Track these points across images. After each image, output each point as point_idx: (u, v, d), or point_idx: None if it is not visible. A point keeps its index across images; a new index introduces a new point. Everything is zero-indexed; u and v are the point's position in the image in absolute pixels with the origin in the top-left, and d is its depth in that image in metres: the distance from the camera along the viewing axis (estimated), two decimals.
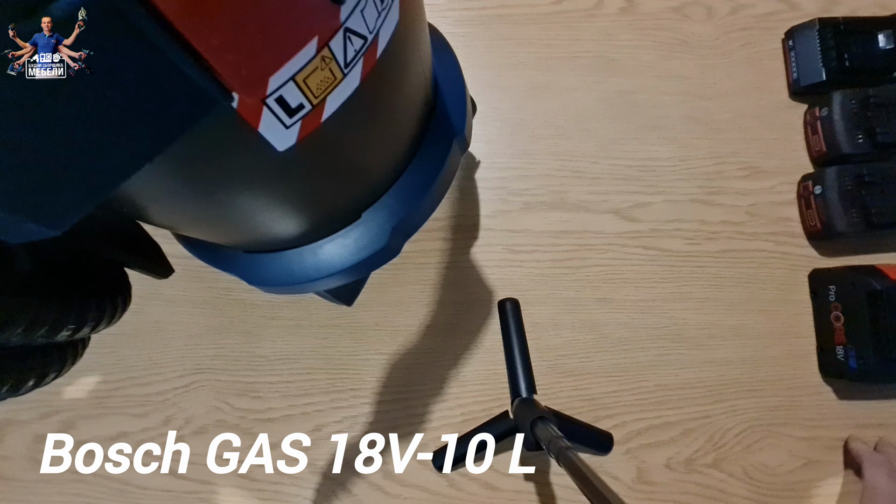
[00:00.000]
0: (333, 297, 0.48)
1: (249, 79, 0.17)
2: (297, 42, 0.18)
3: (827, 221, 0.51)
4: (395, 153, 0.32)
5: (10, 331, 0.24)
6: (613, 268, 0.53)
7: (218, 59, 0.15)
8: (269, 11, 0.16)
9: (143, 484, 0.48)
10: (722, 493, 0.50)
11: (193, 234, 0.33)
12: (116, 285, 0.35)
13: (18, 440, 0.48)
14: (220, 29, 0.15)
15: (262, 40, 0.17)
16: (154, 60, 0.14)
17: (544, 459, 0.50)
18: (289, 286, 0.34)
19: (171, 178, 0.21)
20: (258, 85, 0.18)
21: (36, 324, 0.25)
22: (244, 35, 0.16)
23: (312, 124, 0.21)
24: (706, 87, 0.57)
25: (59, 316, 0.27)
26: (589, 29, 0.57)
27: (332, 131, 0.22)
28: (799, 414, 0.51)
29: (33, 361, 0.29)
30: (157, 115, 0.16)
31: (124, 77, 0.14)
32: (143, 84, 0.15)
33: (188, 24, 0.14)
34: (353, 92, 0.21)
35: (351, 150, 0.26)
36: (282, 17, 0.17)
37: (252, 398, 0.50)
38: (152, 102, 0.15)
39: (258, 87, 0.18)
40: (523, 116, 0.55)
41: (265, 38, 0.17)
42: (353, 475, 0.49)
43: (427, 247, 0.53)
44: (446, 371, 0.51)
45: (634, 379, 0.52)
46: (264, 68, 0.17)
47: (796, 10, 0.58)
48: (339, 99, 0.21)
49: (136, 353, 0.50)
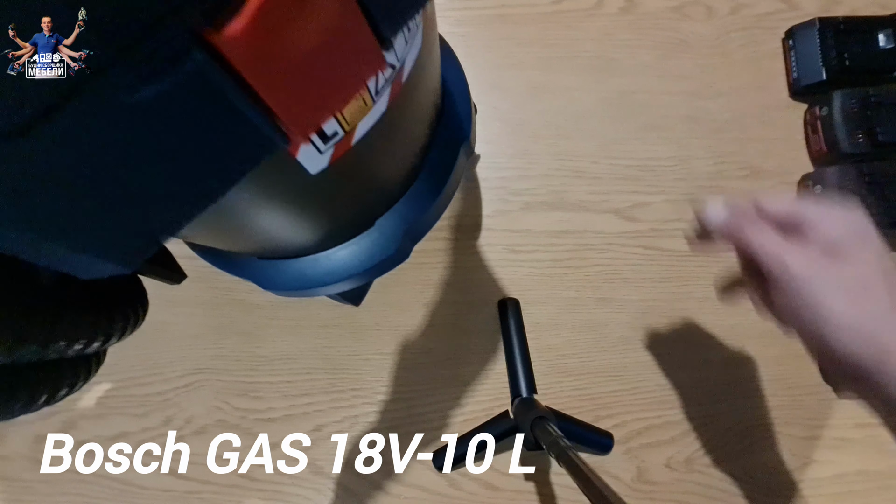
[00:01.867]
0: (342, 297, 0.48)
1: (310, 125, 0.19)
2: (354, 90, 0.19)
3: None
4: (410, 163, 0.33)
5: (33, 344, 0.24)
6: (613, 267, 0.53)
7: (287, 114, 0.17)
8: (335, 72, 0.18)
9: (143, 484, 0.48)
10: (722, 492, 0.50)
11: (211, 245, 0.33)
12: (133, 295, 0.34)
13: (19, 440, 0.48)
14: (293, 89, 0.17)
15: (326, 94, 0.18)
16: (230, 117, 0.15)
17: (544, 459, 0.50)
18: (302, 290, 0.35)
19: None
20: (315, 128, 0.19)
21: (55, 337, 0.25)
22: (312, 92, 0.17)
23: (343, 148, 0.22)
24: (706, 87, 0.57)
25: (78, 328, 0.27)
26: (589, 29, 0.57)
27: (360, 151, 0.23)
28: (799, 413, 0.51)
29: (46, 376, 0.29)
30: (228, 163, 0.17)
31: (203, 133, 0.16)
32: (220, 137, 0.16)
33: (265, 84, 0.15)
34: (381, 115, 0.22)
35: (374, 165, 0.27)
36: (344, 74, 0.18)
37: (252, 398, 0.50)
38: (226, 152, 0.17)
39: (314, 129, 0.19)
40: (523, 116, 0.55)
41: (328, 92, 0.18)
42: (353, 475, 0.49)
43: (427, 247, 0.53)
44: (446, 371, 0.51)
45: (634, 378, 0.52)
46: (325, 117, 0.19)
47: (796, 9, 0.58)
48: (368, 123, 0.22)
49: (136, 353, 0.50)
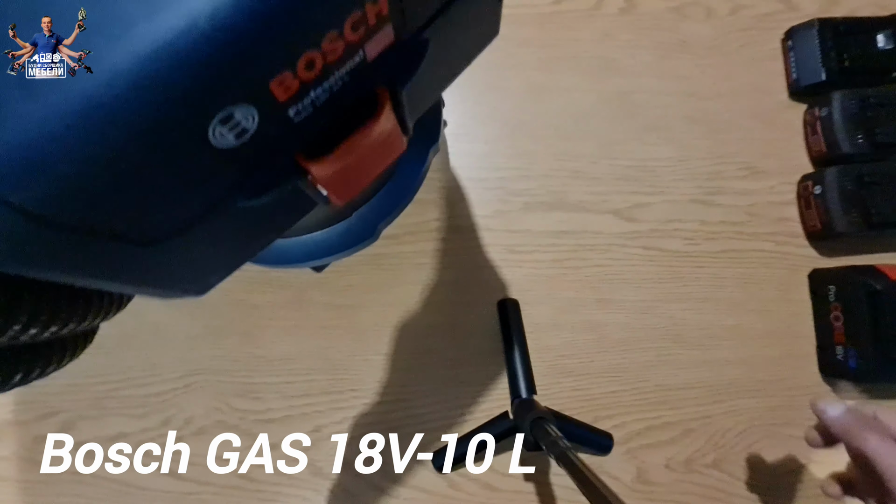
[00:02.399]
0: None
1: (350, 196, 0.24)
2: (383, 168, 0.25)
3: (827, 221, 0.51)
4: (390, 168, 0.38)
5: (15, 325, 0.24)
6: (613, 268, 0.53)
7: (339, 196, 0.23)
8: (377, 167, 0.24)
9: (142, 484, 0.48)
10: (722, 493, 0.50)
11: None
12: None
13: (18, 440, 0.48)
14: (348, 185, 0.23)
15: (366, 178, 0.24)
16: (301, 198, 0.23)
17: (544, 460, 0.50)
18: (282, 264, 0.42)
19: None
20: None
21: (33, 319, 0.25)
22: (359, 182, 0.24)
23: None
24: (706, 87, 0.57)
25: (49, 309, 0.27)
26: (589, 29, 0.57)
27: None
28: (799, 414, 0.51)
29: (24, 355, 0.29)
30: (291, 219, 0.25)
31: (282, 209, 0.24)
32: (291, 210, 0.25)
33: (332, 189, 0.22)
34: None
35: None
36: (381, 165, 0.24)
37: (252, 399, 0.50)
38: (285, 214, 0.25)
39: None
40: (523, 117, 0.55)
41: (368, 177, 0.24)
42: (353, 475, 0.49)
43: (427, 247, 0.53)
44: (446, 371, 0.51)
45: (634, 379, 0.52)
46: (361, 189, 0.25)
47: (796, 10, 0.58)
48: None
49: (135, 354, 0.50)
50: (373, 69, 0.20)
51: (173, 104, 0.14)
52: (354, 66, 0.19)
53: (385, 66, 0.20)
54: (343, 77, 0.18)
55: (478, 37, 0.29)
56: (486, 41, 0.29)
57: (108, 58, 0.12)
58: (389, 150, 0.24)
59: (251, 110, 0.16)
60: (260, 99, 0.16)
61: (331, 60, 0.17)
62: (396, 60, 0.21)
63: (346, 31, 0.17)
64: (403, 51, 0.21)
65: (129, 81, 0.13)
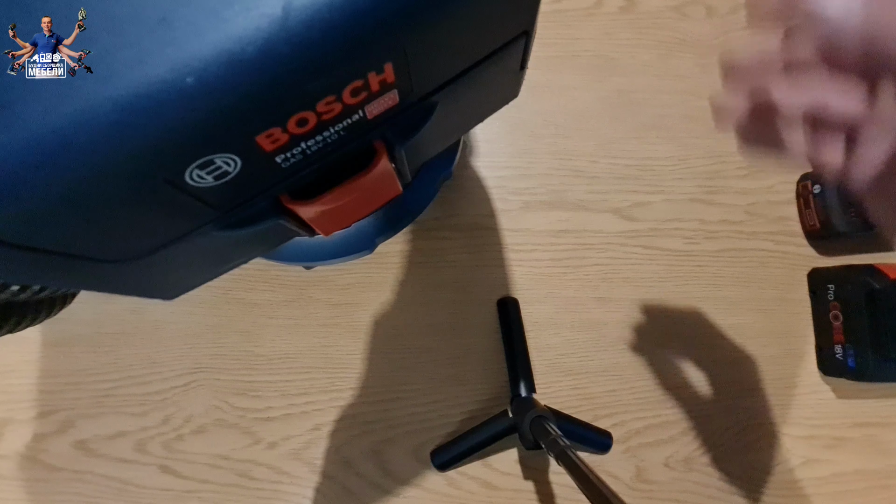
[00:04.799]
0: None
1: (337, 230, 0.25)
2: (376, 209, 0.26)
3: (826, 220, 0.51)
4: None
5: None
6: (612, 267, 0.53)
7: (324, 230, 0.24)
8: (368, 208, 0.26)
9: (141, 483, 0.48)
10: (721, 491, 0.50)
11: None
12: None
13: (18, 439, 0.48)
14: (334, 223, 0.24)
15: (355, 217, 0.25)
16: (284, 231, 0.24)
17: (543, 458, 0.50)
18: (274, 259, 0.44)
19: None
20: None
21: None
22: (346, 220, 0.25)
23: None
24: (706, 87, 0.57)
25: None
26: (588, 28, 0.57)
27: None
28: (798, 413, 0.52)
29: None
30: (272, 245, 0.28)
31: (259, 235, 0.23)
32: (272, 239, 0.26)
33: (319, 227, 0.23)
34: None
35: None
36: (373, 207, 0.25)
37: (251, 397, 0.50)
38: (265, 242, 0.26)
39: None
40: (523, 115, 0.55)
41: (358, 216, 0.25)
42: (353, 474, 0.49)
43: (426, 246, 0.53)
44: (446, 370, 0.51)
45: (633, 378, 0.52)
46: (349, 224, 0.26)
47: None
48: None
49: (134, 353, 0.50)
50: (373, 125, 0.19)
51: (146, 152, 0.14)
52: (352, 122, 0.18)
53: (386, 123, 0.19)
54: (339, 131, 0.18)
55: (494, 100, 0.28)
56: (504, 103, 0.28)
57: (88, 97, 0.12)
58: (383, 195, 0.23)
59: (234, 157, 0.16)
60: (244, 150, 0.16)
61: (326, 119, 0.17)
62: (399, 120, 0.20)
63: (344, 96, 0.16)
64: (408, 112, 0.20)
65: (103, 125, 0.13)
